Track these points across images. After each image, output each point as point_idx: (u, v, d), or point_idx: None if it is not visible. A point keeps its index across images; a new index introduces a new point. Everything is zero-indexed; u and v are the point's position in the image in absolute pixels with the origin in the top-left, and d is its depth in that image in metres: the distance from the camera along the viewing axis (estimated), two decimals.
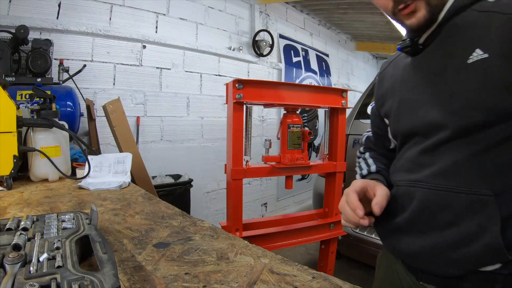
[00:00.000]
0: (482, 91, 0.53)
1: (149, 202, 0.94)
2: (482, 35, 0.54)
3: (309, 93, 1.80)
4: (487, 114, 0.53)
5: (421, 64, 0.64)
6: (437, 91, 0.60)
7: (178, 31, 2.87)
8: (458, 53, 0.57)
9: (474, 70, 0.54)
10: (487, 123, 0.53)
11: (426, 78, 0.63)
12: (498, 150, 0.53)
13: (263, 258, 0.57)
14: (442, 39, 0.60)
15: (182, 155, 2.93)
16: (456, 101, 0.56)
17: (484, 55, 0.53)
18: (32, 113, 1.18)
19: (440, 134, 0.59)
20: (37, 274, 0.39)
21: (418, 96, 0.64)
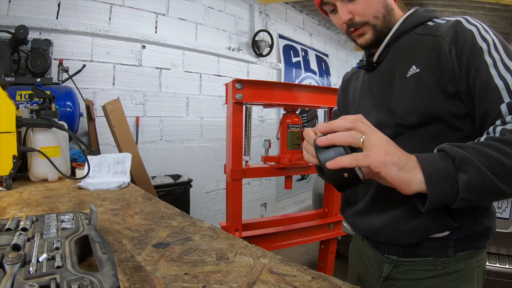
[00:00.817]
0: (415, 99, 0.67)
1: (148, 202, 0.94)
2: (417, 54, 0.69)
3: (309, 93, 1.80)
4: (420, 116, 0.66)
5: (375, 78, 0.78)
6: (385, 99, 0.73)
7: (177, 31, 2.87)
8: (400, 68, 0.71)
9: (410, 82, 0.68)
10: (420, 123, 0.67)
11: (378, 89, 0.76)
12: (431, 144, 0.62)
13: (262, 258, 0.57)
14: (389, 58, 0.74)
15: (182, 155, 2.93)
16: (397, 107, 0.70)
17: (417, 70, 0.67)
18: (32, 113, 1.18)
19: (387, 130, 0.67)
20: (36, 274, 0.39)
21: (371, 102, 0.77)
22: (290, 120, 1.80)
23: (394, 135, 0.68)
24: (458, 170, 0.51)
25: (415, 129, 0.68)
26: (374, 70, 0.79)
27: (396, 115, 0.70)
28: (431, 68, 0.65)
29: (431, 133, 0.66)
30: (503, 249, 1.94)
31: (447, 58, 0.63)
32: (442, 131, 0.66)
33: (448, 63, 0.62)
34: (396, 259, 0.75)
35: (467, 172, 0.50)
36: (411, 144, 0.65)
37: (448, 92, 0.63)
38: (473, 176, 0.49)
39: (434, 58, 0.65)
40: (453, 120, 0.64)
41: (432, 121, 0.66)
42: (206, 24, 3.12)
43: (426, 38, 0.68)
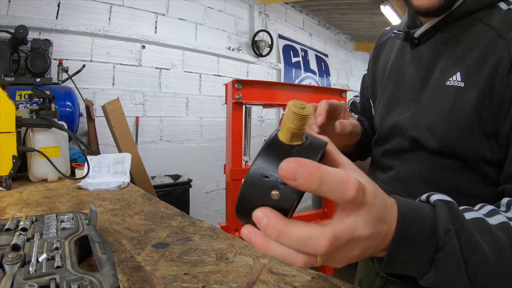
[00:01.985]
0: (445, 120, 0.51)
1: (148, 202, 0.94)
2: (469, 57, 0.49)
3: (308, 93, 1.80)
4: (443, 145, 0.52)
5: (411, 61, 0.60)
6: (417, 101, 0.57)
7: (177, 31, 2.87)
8: (442, 67, 0.53)
9: (447, 95, 0.51)
10: (442, 151, 0.52)
11: (413, 81, 0.59)
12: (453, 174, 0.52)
13: (262, 258, 0.57)
14: (435, 43, 0.55)
15: (181, 155, 2.93)
16: (424, 120, 0.54)
17: (460, 84, 0.49)
18: (31, 113, 1.18)
19: (403, 140, 0.59)
20: (36, 274, 0.39)
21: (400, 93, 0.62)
22: None
23: (410, 149, 0.58)
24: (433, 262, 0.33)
25: (433, 154, 0.54)
26: (416, 47, 0.59)
27: (419, 127, 0.55)
28: (479, 87, 0.47)
29: (453, 165, 0.52)
30: None
31: (503, 81, 0.44)
32: (466, 170, 0.51)
33: (501, 89, 0.45)
34: (386, 276, 0.66)
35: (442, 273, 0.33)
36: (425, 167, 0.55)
37: (487, 128, 0.47)
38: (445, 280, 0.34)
39: (487, 74, 0.46)
40: (483, 165, 0.50)
41: (456, 157, 0.51)
42: (206, 24, 3.12)
43: (488, 33, 0.48)
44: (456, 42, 0.52)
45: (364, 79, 0.81)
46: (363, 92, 0.82)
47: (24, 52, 1.83)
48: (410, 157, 0.58)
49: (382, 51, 0.72)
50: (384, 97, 0.66)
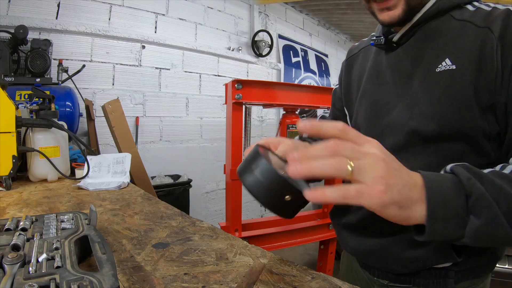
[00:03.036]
0: (442, 103, 0.53)
1: (148, 202, 0.94)
2: (454, 44, 0.55)
3: (308, 93, 1.80)
4: (443, 126, 0.53)
5: (392, 63, 0.63)
6: (401, 92, 0.60)
7: (177, 31, 2.87)
8: (428, 58, 0.57)
9: (439, 79, 0.54)
10: (442, 134, 0.53)
11: (395, 78, 0.62)
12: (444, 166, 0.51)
13: (262, 258, 0.57)
14: (416, 41, 0.60)
15: (181, 156, 2.93)
16: (418, 107, 0.56)
17: (452, 66, 0.53)
18: (31, 113, 1.18)
19: (397, 136, 0.58)
20: (36, 274, 0.39)
21: (384, 93, 0.63)
22: (289, 120, 1.80)
23: (405, 145, 0.57)
24: (470, 212, 0.38)
25: (433, 142, 0.55)
26: (393, 51, 0.64)
27: (413, 117, 0.56)
28: (470, 67, 0.52)
29: (453, 152, 0.54)
30: None
31: (492, 58, 0.50)
32: (465, 153, 0.53)
33: (493, 65, 0.50)
34: (387, 284, 0.64)
35: (480, 218, 0.38)
36: (424, 160, 0.55)
37: (484, 102, 0.51)
38: (485, 225, 0.38)
39: (476, 56, 0.51)
40: (482, 141, 0.52)
41: (457, 137, 0.53)
42: (206, 24, 3.12)
43: (466, 26, 0.54)
44: (437, 36, 0.57)
45: (335, 92, 0.84)
46: (334, 103, 0.84)
47: (24, 52, 1.83)
48: (406, 153, 0.57)
49: (355, 62, 0.76)
50: (365, 101, 0.68)
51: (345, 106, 0.78)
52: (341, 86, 0.81)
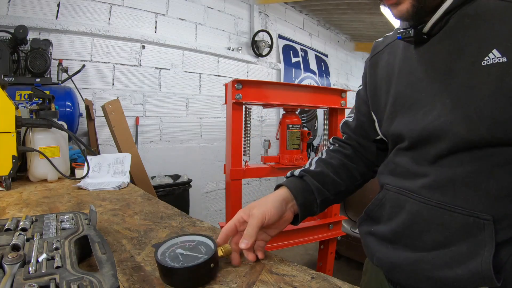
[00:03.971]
0: (493, 101, 0.45)
1: (148, 202, 0.94)
2: (502, 32, 0.45)
3: (308, 93, 1.80)
4: (495, 128, 0.45)
5: (425, 57, 0.55)
6: (441, 92, 0.51)
7: (177, 31, 2.87)
8: (470, 50, 0.48)
9: (488, 75, 0.46)
10: (493, 139, 0.46)
11: (430, 75, 0.53)
12: (504, 172, 0.46)
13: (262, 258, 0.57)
14: (451, 31, 0.51)
15: (181, 156, 2.93)
16: (462, 108, 0.48)
17: (502, 59, 0.45)
18: (31, 113, 1.18)
19: (439, 143, 0.51)
20: (36, 274, 0.39)
21: (419, 94, 0.55)
22: (289, 120, 1.80)
23: (454, 150, 0.50)
24: None
25: (485, 146, 0.47)
26: (424, 44, 0.55)
27: (459, 121, 0.48)
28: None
29: (503, 159, 0.46)
30: None
31: None
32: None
33: None
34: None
35: None
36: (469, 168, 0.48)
37: None
38: None
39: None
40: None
41: (509, 142, 0.45)
42: (206, 24, 3.12)
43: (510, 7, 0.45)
44: (476, 24, 0.48)
45: (359, 94, 0.75)
46: (359, 107, 0.75)
47: (24, 52, 1.83)
48: (449, 160, 0.51)
49: (380, 61, 0.68)
50: (399, 103, 0.60)
51: (372, 110, 0.70)
52: (365, 88, 0.72)
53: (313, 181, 0.67)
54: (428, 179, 0.53)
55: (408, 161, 0.58)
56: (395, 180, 0.60)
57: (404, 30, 0.56)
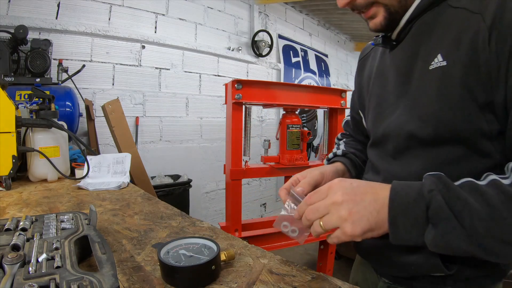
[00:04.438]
0: (436, 103, 0.50)
1: (148, 202, 0.94)
2: (446, 37, 0.50)
3: (308, 93, 1.80)
4: (439, 129, 0.50)
5: (394, 62, 0.61)
6: (403, 95, 0.57)
7: (177, 31, 2.87)
8: (422, 55, 0.53)
9: (432, 77, 0.51)
10: (439, 137, 0.51)
11: (396, 78, 0.60)
12: (451, 169, 0.50)
13: (262, 258, 0.57)
14: (412, 37, 0.56)
15: (181, 156, 2.93)
16: (416, 109, 0.54)
17: (443, 62, 0.49)
18: (31, 113, 1.18)
19: (397, 140, 0.58)
20: (36, 274, 0.39)
21: (388, 94, 0.62)
22: (289, 120, 1.80)
23: (405, 148, 0.56)
24: (429, 221, 0.42)
25: (430, 146, 0.52)
26: (394, 49, 0.61)
27: (411, 120, 0.54)
28: (461, 63, 0.47)
29: (451, 157, 0.51)
30: None
31: (485, 50, 0.44)
32: (465, 156, 0.50)
33: (486, 59, 0.44)
34: (388, 282, 0.64)
35: (437, 228, 0.41)
36: (423, 164, 0.53)
37: (480, 100, 0.46)
38: (442, 235, 0.41)
39: (466, 48, 0.46)
40: (482, 141, 0.48)
41: (454, 140, 0.50)
42: (206, 24, 3.12)
43: (460, 14, 0.49)
44: (431, 30, 0.53)
45: (353, 94, 0.84)
46: (353, 107, 0.84)
47: (24, 52, 1.83)
48: (407, 156, 0.57)
49: (366, 63, 0.75)
50: (372, 102, 0.67)
51: (359, 109, 0.78)
52: (356, 89, 0.80)
53: (356, 158, 0.76)
54: (388, 173, 0.60)
55: (374, 156, 0.66)
56: (369, 175, 0.68)
57: (376, 38, 0.63)
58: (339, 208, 0.45)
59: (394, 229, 0.44)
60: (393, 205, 0.44)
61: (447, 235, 0.41)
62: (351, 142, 0.83)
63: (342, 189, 0.47)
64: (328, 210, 0.46)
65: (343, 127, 0.92)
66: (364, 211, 0.45)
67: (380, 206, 0.45)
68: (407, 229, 0.43)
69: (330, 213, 0.46)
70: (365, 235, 0.45)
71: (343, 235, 0.45)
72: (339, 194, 0.46)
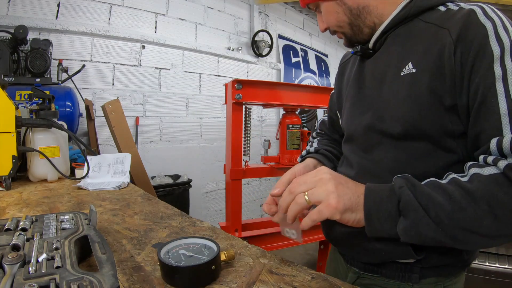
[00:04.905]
0: (405, 105, 0.56)
1: (148, 202, 0.94)
2: (417, 48, 0.57)
3: (308, 93, 1.80)
4: (406, 127, 0.56)
5: (369, 68, 0.67)
6: (374, 96, 0.64)
7: (177, 31, 2.87)
8: (395, 63, 0.60)
9: (403, 83, 0.57)
10: (406, 136, 0.57)
11: (369, 82, 0.66)
12: (417, 164, 0.57)
13: (262, 258, 0.57)
14: (386, 47, 0.63)
15: (181, 156, 2.93)
16: (387, 109, 0.60)
17: (412, 70, 0.56)
18: (31, 113, 1.18)
19: (370, 136, 0.64)
20: (36, 274, 0.39)
21: (362, 96, 0.68)
22: (289, 120, 1.80)
23: (376, 143, 0.63)
24: (400, 213, 0.48)
25: (400, 141, 0.58)
26: (371, 57, 0.68)
27: (383, 120, 0.60)
28: (429, 71, 0.53)
29: (418, 152, 0.57)
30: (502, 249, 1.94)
31: (450, 60, 0.51)
32: (431, 151, 0.56)
33: (451, 68, 0.51)
34: (358, 271, 0.68)
35: (407, 219, 0.47)
36: (393, 157, 0.59)
37: (445, 103, 0.52)
38: (412, 225, 0.46)
39: (434, 58, 0.53)
40: (446, 139, 0.55)
41: (421, 137, 0.56)
42: (206, 24, 3.12)
43: (430, 29, 0.56)
44: (404, 41, 0.60)
45: (332, 96, 0.90)
46: (331, 107, 0.89)
47: (24, 52, 1.83)
48: (377, 150, 0.62)
49: (346, 68, 0.81)
50: (348, 102, 0.73)
51: (337, 110, 0.84)
52: (335, 91, 0.86)
53: (329, 154, 0.81)
54: (361, 166, 0.66)
55: (348, 151, 0.72)
56: (343, 168, 0.73)
57: (355, 46, 0.70)
58: (327, 182, 0.50)
59: (368, 222, 0.49)
60: (368, 201, 0.50)
61: (417, 224, 0.46)
62: (324, 141, 0.89)
63: (329, 172, 0.52)
64: (314, 184, 0.51)
65: (319, 126, 0.97)
66: (348, 190, 0.50)
67: (360, 193, 0.51)
68: (381, 222, 0.49)
69: (316, 186, 0.50)
70: (345, 214, 0.49)
71: (326, 207, 0.48)
72: (327, 174, 0.52)
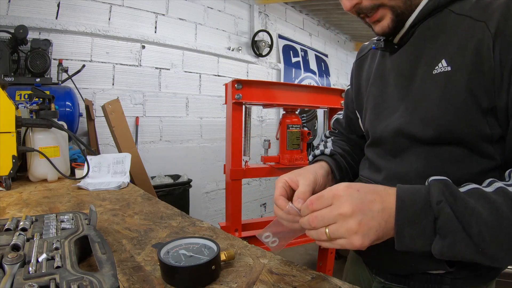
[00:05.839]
0: (438, 106, 0.51)
1: (148, 202, 0.94)
2: (450, 43, 0.51)
3: (308, 93, 1.80)
4: (440, 131, 0.52)
5: (395, 65, 0.62)
6: (404, 97, 0.58)
7: (177, 31, 2.87)
8: (426, 59, 0.54)
9: (436, 82, 0.52)
10: (440, 139, 0.52)
11: (397, 80, 0.61)
12: (454, 168, 0.52)
13: (262, 258, 0.57)
14: (415, 42, 0.57)
15: (181, 156, 2.93)
16: (417, 111, 0.55)
17: (447, 68, 0.50)
18: (31, 113, 1.18)
19: (398, 140, 0.58)
20: (36, 274, 0.39)
21: (386, 96, 0.63)
22: (289, 120, 1.80)
23: (405, 148, 0.57)
24: (436, 232, 0.42)
25: (432, 146, 0.53)
26: (395, 52, 0.61)
27: (412, 123, 0.55)
28: (466, 69, 0.48)
29: (452, 157, 0.52)
30: None
31: (489, 56, 0.46)
32: (466, 157, 0.51)
33: (490, 65, 0.46)
34: (384, 282, 0.64)
35: (445, 240, 0.41)
36: (424, 163, 0.54)
37: (483, 105, 0.47)
38: (450, 246, 0.41)
39: (471, 55, 0.48)
40: (483, 144, 0.50)
41: (455, 142, 0.51)
42: (206, 24, 3.12)
43: (464, 21, 0.50)
44: (435, 35, 0.54)
45: (347, 93, 0.83)
46: (347, 105, 0.83)
47: (24, 52, 1.83)
48: (407, 155, 0.57)
49: (364, 63, 0.75)
50: (370, 102, 0.68)
51: (356, 109, 0.78)
52: (352, 88, 0.80)
53: (343, 160, 0.74)
54: (389, 171, 0.61)
55: (373, 155, 0.67)
56: (367, 172, 0.68)
57: (377, 41, 0.63)
58: (348, 220, 0.43)
59: (400, 238, 0.43)
60: (400, 216, 0.43)
61: (455, 245, 0.41)
62: (339, 141, 0.82)
63: (350, 199, 0.44)
64: (335, 220, 0.44)
65: (333, 125, 0.91)
66: (373, 222, 0.43)
67: (388, 216, 0.44)
68: (414, 240, 0.43)
69: (338, 223, 0.44)
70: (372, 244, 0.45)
71: (349, 245, 0.43)
72: (347, 206, 0.43)
